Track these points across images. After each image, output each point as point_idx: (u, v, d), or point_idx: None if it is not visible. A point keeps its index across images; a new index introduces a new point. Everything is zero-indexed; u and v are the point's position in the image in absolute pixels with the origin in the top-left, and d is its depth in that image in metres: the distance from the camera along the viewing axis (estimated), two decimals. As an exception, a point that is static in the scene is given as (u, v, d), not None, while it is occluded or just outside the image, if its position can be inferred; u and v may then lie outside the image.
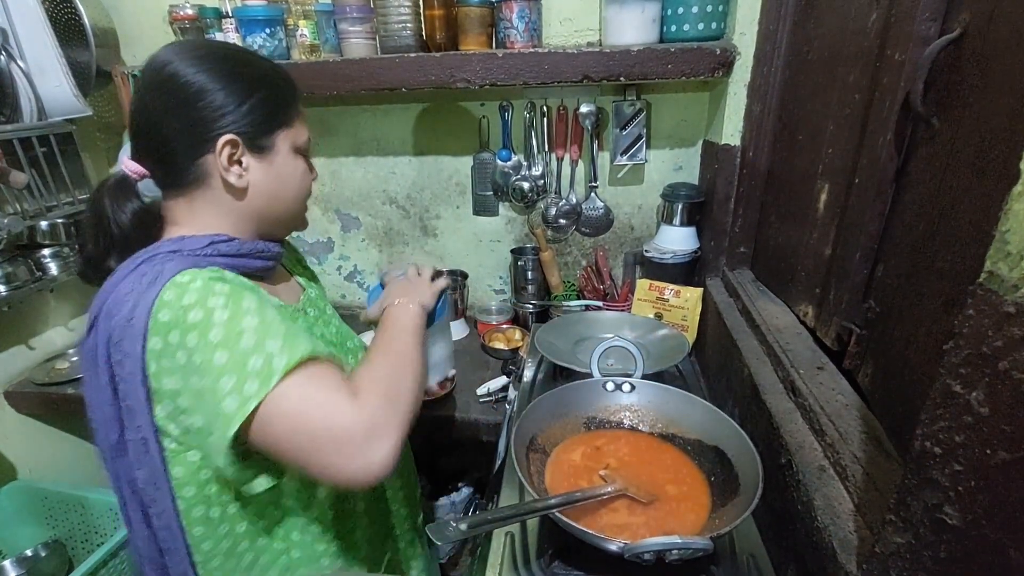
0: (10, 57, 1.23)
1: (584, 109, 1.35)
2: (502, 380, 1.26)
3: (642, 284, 1.31)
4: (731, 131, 1.14)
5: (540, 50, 1.16)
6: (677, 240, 1.30)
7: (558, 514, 0.62)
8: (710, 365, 1.16)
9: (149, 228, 0.68)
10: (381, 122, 1.50)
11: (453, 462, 1.60)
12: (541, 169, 1.44)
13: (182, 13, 1.31)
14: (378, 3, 1.19)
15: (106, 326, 0.60)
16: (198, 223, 0.68)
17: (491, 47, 1.23)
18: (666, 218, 1.32)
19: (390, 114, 1.49)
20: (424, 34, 1.24)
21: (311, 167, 0.76)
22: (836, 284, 0.78)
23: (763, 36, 1.04)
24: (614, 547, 0.58)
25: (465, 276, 1.57)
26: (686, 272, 1.31)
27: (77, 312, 1.62)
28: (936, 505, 0.40)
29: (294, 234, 0.84)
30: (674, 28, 1.14)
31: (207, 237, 0.65)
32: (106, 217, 0.67)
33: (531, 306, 1.49)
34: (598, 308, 1.38)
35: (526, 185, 1.45)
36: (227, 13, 1.29)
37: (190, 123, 0.64)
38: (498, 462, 1.04)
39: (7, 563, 1.36)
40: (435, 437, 1.21)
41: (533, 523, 0.74)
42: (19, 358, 1.47)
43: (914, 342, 0.60)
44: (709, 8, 1.09)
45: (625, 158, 1.35)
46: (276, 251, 0.74)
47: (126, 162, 0.68)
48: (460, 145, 1.49)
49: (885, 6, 0.67)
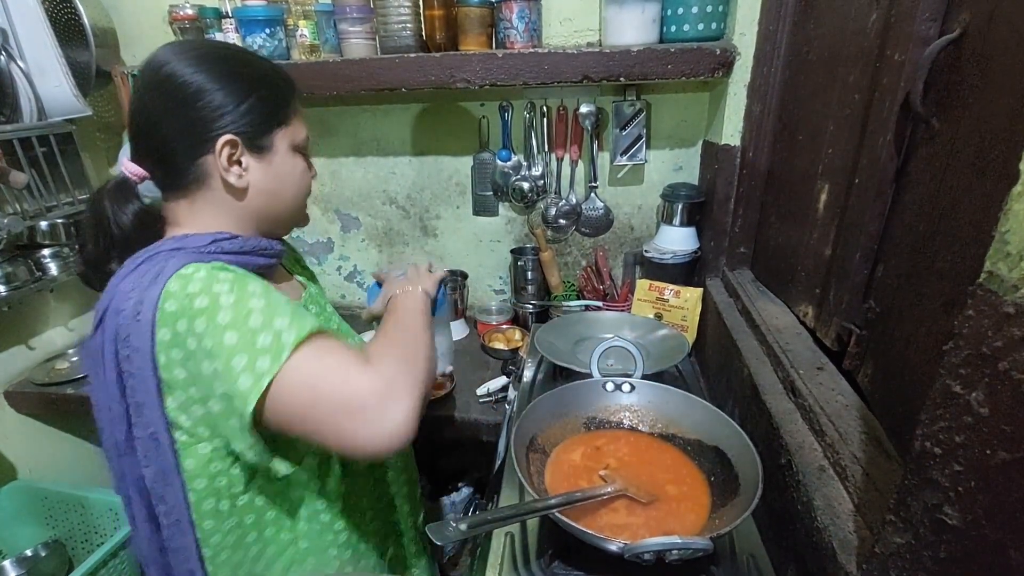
0: (10, 57, 1.22)
1: (584, 109, 1.35)
2: (502, 380, 1.26)
3: (642, 284, 1.31)
4: (731, 131, 1.14)
5: (540, 50, 1.16)
6: (677, 240, 1.30)
7: (558, 514, 0.62)
8: (710, 365, 1.16)
9: (150, 229, 0.69)
10: (381, 122, 1.50)
11: (453, 462, 1.60)
12: (541, 169, 1.44)
13: (182, 13, 1.31)
14: (378, 3, 1.19)
15: (113, 323, 0.60)
16: (199, 223, 0.68)
17: (491, 47, 1.23)
18: (666, 218, 1.32)
19: (390, 114, 1.49)
20: (424, 34, 1.24)
21: (310, 165, 0.76)
22: (836, 284, 0.78)
23: (763, 36, 1.04)
24: (614, 547, 0.58)
25: (465, 276, 1.57)
26: (686, 272, 1.31)
27: (77, 312, 1.62)
28: (936, 505, 0.40)
29: (294, 233, 0.84)
30: (674, 28, 1.14)
31: (210, 235, 0.66)
32: (107, 219, 0.67)
33: (531, 306, 1.49)
34: (598, 308, 1.38)
35: (526, 185, 1.44)
36: (227, 13, 1.29)
37: (189, 123, 0.64)
38: (498, 462, 1.04)
39: (7, 563, 1.36)
40: (435, 437, 1.21)
41: (533, 523, 0.74)
42: (19, 358, 1.48)
43: (914, 342, 0.60)
44: (709, 8, 1.09)
45: (625, 158, 1.35)
46: (278, 249, 0.75)
47: (126, 164, 0.68)
48: (460, 145, 1.49)
49: (885, 6, 0.67)
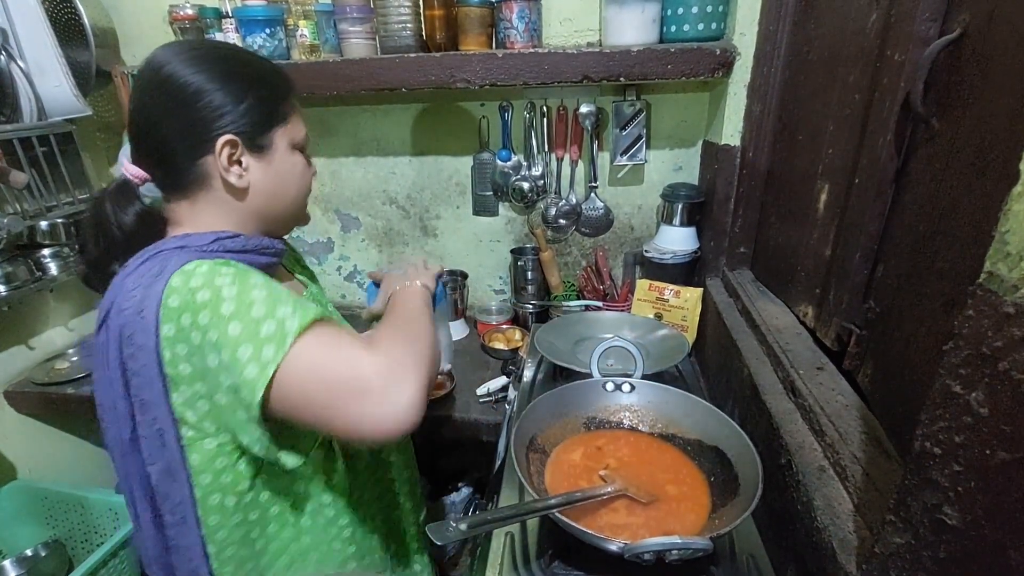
0: (10, 57, 1.22)
1: (584, 109, 1.35)
2: (502, 380, 1.26)
3: (642, 284, 1.31)
4: (731, 131, 1.14)
5: (540, 50, 1.16)
6: (677, 240, 1.30)
7: (558, 514, 0.62)
8: (710, 365, 1.16)
9: (152, 230, 0.69)
10: (381, 122, 1.50)
11: (453, 462, 1.60)
12: (541, 169, 1.44)
13: (182, 13, 1.31)
14: (378, 3, 1.19)
15: (117, 322, 0.61)
16: (201, 223, 0.68)
17: (491, 47, 1.23)
18: (666, 218, 1.32)
19: (390, 114, 1.49)
20: (424, 34, 1.24)
21: (310, 163, 0.76)
22: (836, 284, 0.78)
23: (763, 36, 1.04)
24: (614, 547, 0.58)
25: (465, 276, 1.57)
26: (686, 272, 1.31)
27: (77, 312, 1.62)
28: (936, 505, 0.40)
29: (294, 233, 0.84)
30: (674, 28, 1.14)
31: (212, 234, 0.66)
32: (109, 221, 0.68)
33: (531, 306, 1.49)
34: (598, 308, 1.38)
35: (526, 185, 1.44)
36: (227, 13, 1.29)
37: (189, 124, 0.64)
38: (498, 462, 1.04)
39: (7, 563, 1.36)
40: (435, 437, 1.21)
41: (533, 523, 0.74)
42: (19, 358, 1.47)
43: (914, 342, 0.60)
44: (709, 8, 1.09)
45: (625, 158, 1.35)
46: (280, 248, 0.75)
47: (127, 166, 0.68)
48: (460, 145, 1.49)
49: (885, 6, 0.67)
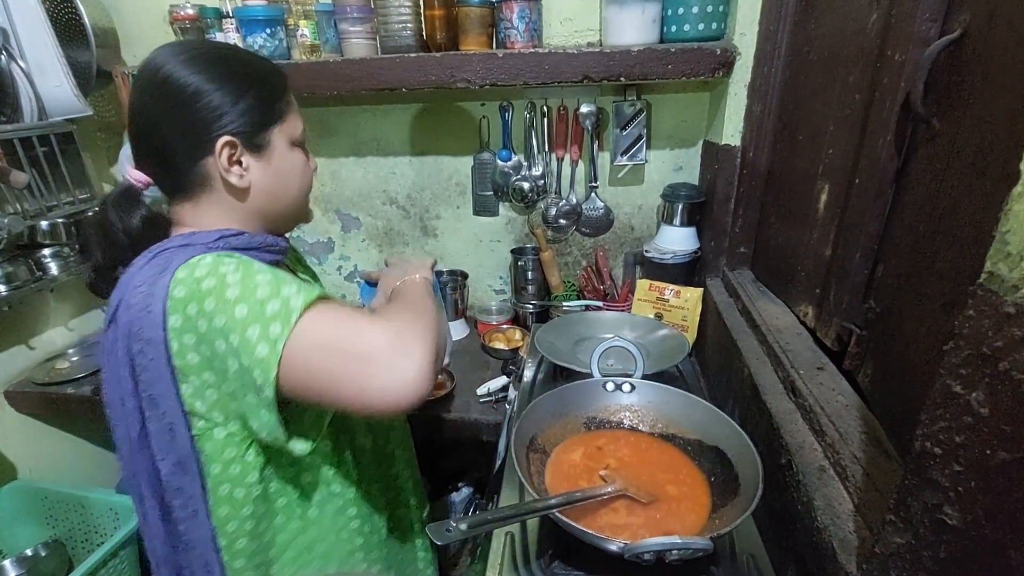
0: (10, 57, 1.23)
1: (584, 109, 1.35)
2: (502, 380, 1.26)
3: (642, 284, 1.31)
4: (731, 131, 1.14)
5: (540, 50, 1.16)
6: (677, 240, 1.30)
7: (558, 514, 0.62)
8: (710, 365, 1.16)
9: (157, 232, 0.70)
10: (381, 122, 1.50)
11: (453, 462, 1.60)
12: (541, 169, 1.44)
13: (182, 13, 1.31)
14: (378, 3, 1.19)
15: (126, 318, 0.61)
16: (204, 224, 0.69)
17: (491, 47, 1.23)
18: (666, 218, 1.32)
19: (390, 114, 1.49)
20: (424, 34, 1.24)
21: (309, 159, 0.76)
22: (836, 284, 0.78)
23: (763, 36, 1.04)
24: (614, 547, 0.58)
25: (465, 276, 1.57)
26: (686, 272, 1.31)
27: (77, 312, 1.62)
28: (936, 505, 0.40)
29: (294, 233, 0.85)
30: (674, 28, 1.14)
31: (217, 232, 0.67)
32: (115, 228, 0.68)
33: (531, 306, 1.49)
34: (598, 308, 1.38)
35: (526, 185, 1.44)
36: (227, 13, 1.29)
37: (189, 124, 0.64)
38: (498, 462, 1.04)
39: (7, 563, 1.36)
40: (435, 437, 1.21)
41: (533, 523, 0.74)
42: (19, 358, 1.47)
43: (914, 342, 0.60)
44: (709, 8, 1.09)
45: (625, 158, 1.35)
46: (283, 245, 0.76)
47: (130, 171, 0.69)
48: (460, 145, 1.49)
49: (885, 6, 0.67)
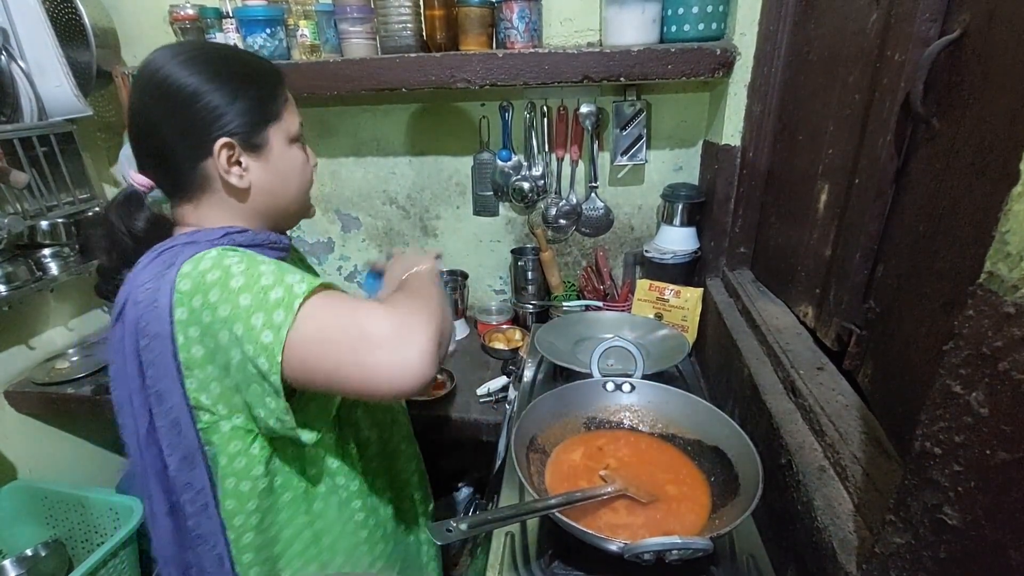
0: (11, 57, 1.23)
1: (584, 109, 1.35)
2: (502, 380, 1.26)
3: (642, 284, 1.31)
4: (731, 131, 1.14)
5: (540, 50, 1.16)
6: (677, 240, 1.30)
7: (558, 514, 0.62)
8: (710, 365, 1.16)
9: (161, 233, 0.70)
10: (381, 122, 1.50)
11: (453, 462, 1.60)
12: (541, 169, 1.44)
13: (182, 13, 1.31)
14: (378, 3, 1.19)
15: (132, 315, 0.62)
16: (207, 224, 0.69)
17: (491, 47, 1.23)
18: (666, 218, 1.32)
19: (390, 114, 1.49)
20: (424, 34, 1.24)
21: (308, 155, 0.76)
22: (836, 284, 0.78)
23: (763, 36, 1.04)
24: (614, 547, 0.58)
25: (465, 276, 1.57)
26: (686, 272, 1.31)
27: (77, 312, 1.62)
28: (936, 505, 0.40)
29: (294, 233, 0.85)
30: (674, 28, 1.14)
31: (221, 229, 0.67)
32: (119, 232, 0.69)
33: (531, 306, 1.49)
34: (598, 308, 1.38)
35: (526, 185, 1.44)
36: (227, 13, 1.29)
37: (188, 126, 0.64)
38: (498, 462, 1.04)
39: (7, 563, 1.36)
40: (435, 437, 1.21)
41: (533, 523, 0.74)
42: (19, 358, 1.48)
43: (914, 342, 0.60)
44: (709, 8, 1.09)
45: (625, 158, 1.35)
46: (286, 242, 0.76)
47: (133, 175, 0.69)
48: (460, 145, 1.49)
49: (885, 6, 0.67)
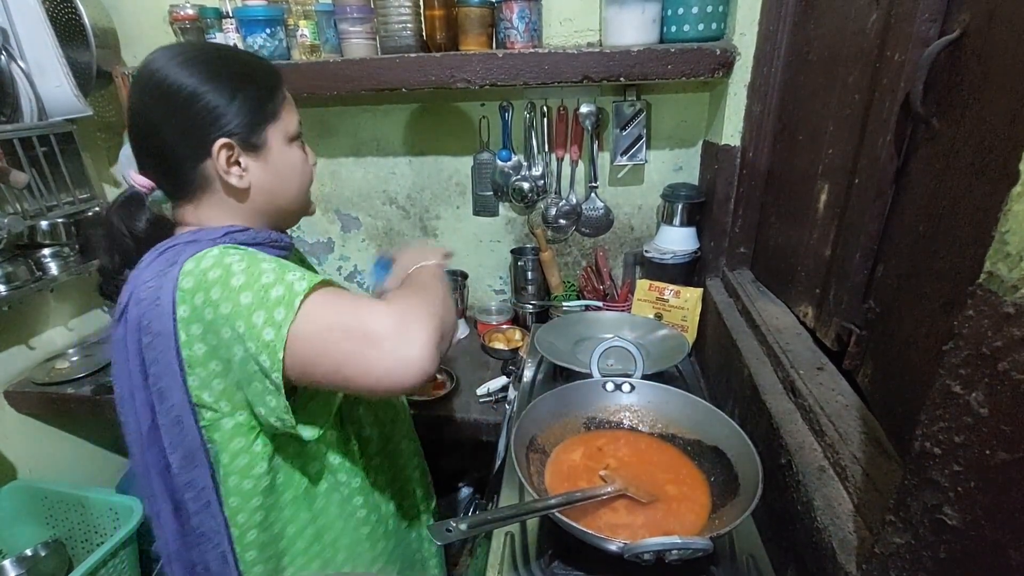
0: (10, 57, 1.22)
1: (584, 109, 1.35)
2: (502, 380, 1.26)
3: (642, 284, 1.31)
4: (731, 131, 1.14)
5: (540, 50, 1.16)
6: (677, 240, 1.30)
7: (558, 514, 0.62)
8: (710, 365, 1.16)
9: (162, 233, 0.70)
10: (381, 122, 1.50)
11: (453, 462, 1.60)
12: (541, 169, 1.44)
13: (182, 13, 1.31)
14: (378, 3, 1.19)
15: (135, 313, 0.62)
16: (209, 223, 0.69)
17: (491, 47, 1.23)
18: (666, 218, 1.32)
19: (390, 114, 1.49)
20: (424, 34, 1.24)
21: (307, 152, 0.76)
22: (836, 284, 0.78)
23: (763, 37, 1.04)
24: (614, 547, 0.58)
25: (465, 276, 1.57)
26: (686, 272, 1.31)
27: (77, 312, 1.62)
28: (936, 506, 0.40)
29: (294, 234, 0.85)
30: (674, 28, 1.14)
31: (223, 228, 0.67)
32: (121, 234, 0.70)
33: (531, 306, 1.49)
34: (598, 308, 1.38)
35: (526, 185, 1.44)
36: (227, 13, 1.29)
37: (187, 128, 0.64)
38: (498, 462, 1.04)
39: (7, 563, 1.36)
40: (435, 437, 1.21)
41: (533, 523, 0.74)
42: (19, 358, 1.48)
43: (914, 343, 0.60)
44: (709, 8, 1.09)
45: (625, 158, 1.35)
46: (288, 241, 0.76)
47: (135, 177, 0.69)
48: (460, 145, 1.49)
49: (885, 6, 0.67)
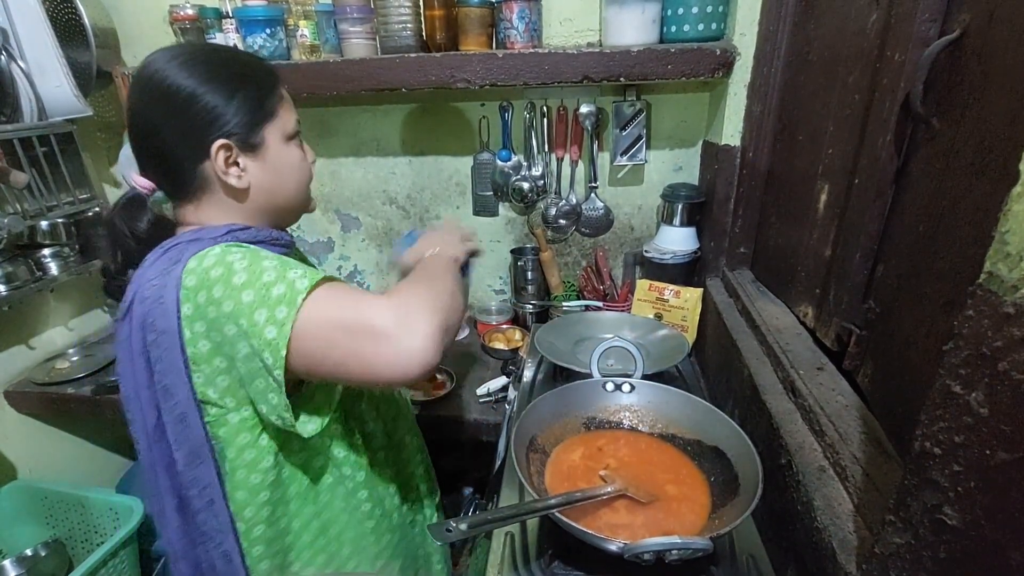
0: (10, 57, 1.22)
1: (584, 109, 1.35)
2: (502, 380, 1.26)
3: (642, 284, 1.31)
4: (731, 131, 1.14)
5: (540, 50, 1.16)
6: (677, 240, 1.30)
7: (558, 514, 0.62)
8: (710, 365, 1.16)
9: (164, 233, 0.70)
10: (381, 122, 1.50)
11: (453, 462, 1.60)
12: (541, 169, 1.44)
13: (182, 13, 1.31)
14: (378, 3, 1.19)
15: (140, 311, 0.63)
16: (209, 224, 0.69)
17: (491, 47, 1.23)
18: (666, 218, 1.32)
19: (390, 114, 1.49)
20: (424, 34, 1.24)
21: (306, 151, 0.76)
22: (836, 284, 0.78)
23: (763, 37, 1.04)
24: (614, 547, 0.58)
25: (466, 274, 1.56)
26: (686, 272, 1.31)
27: (77, 312, 1.62)
28: (936, 506, 0.40)
29: (295, 233, 0.85)
30: (674, 29, 1.14)
31: (225, 226, 0.68)
32: (124, 235, 0.70)
33: (531, 306, 1.49)
34: (598, 308, 1.38)
35: (526, 185, 1.44)
36: (227, 13, 1.29)
37: (186, 129, 0.64)
38: (498, 462, 1.04)
39: (7, 563, 1.36)
40: (435, 437, 1.21)
41: (533, 523, 0.74)
42: (19, 358, 1.48)
43: (914, 343, 0.60)
44: (709, 9, 1.10)
45: (625, 158, 1.35)
46: (289, 239, 0.76)
47: (135, 178, 0.70)
48: (460, 145, 1.49)
49: (885, 7, 0.67)
